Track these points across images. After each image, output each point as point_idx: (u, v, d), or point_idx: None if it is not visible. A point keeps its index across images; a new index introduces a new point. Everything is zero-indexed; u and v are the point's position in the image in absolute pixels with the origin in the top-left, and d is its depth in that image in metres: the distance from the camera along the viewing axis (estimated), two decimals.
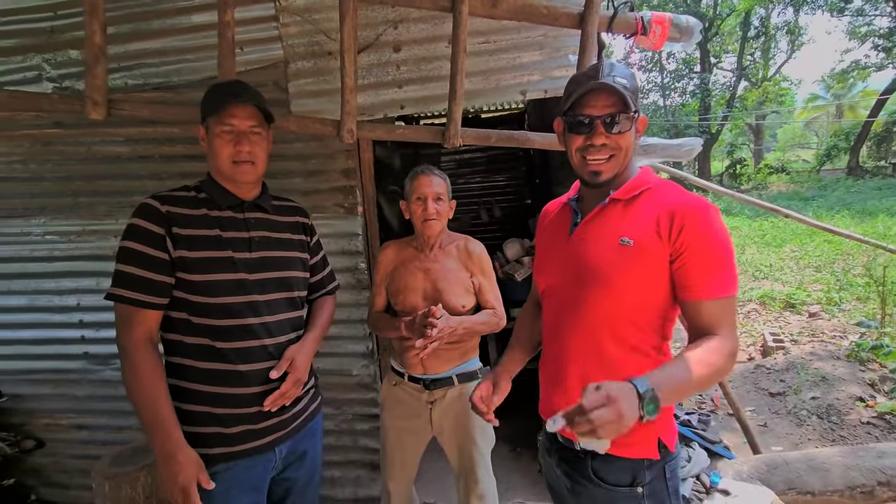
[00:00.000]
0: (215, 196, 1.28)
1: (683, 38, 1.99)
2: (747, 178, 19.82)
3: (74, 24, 2.19)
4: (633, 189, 1.09)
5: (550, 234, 1.26)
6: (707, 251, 0.99)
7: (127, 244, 1.19)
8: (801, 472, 2.02)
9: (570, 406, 0.84)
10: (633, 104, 1.04)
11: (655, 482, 1.07)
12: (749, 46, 22.58)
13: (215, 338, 1.22)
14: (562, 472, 1.19)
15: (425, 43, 2.14)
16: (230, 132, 1.24)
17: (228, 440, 1.24)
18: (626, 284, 1.04)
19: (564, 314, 1.14)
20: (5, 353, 2.48)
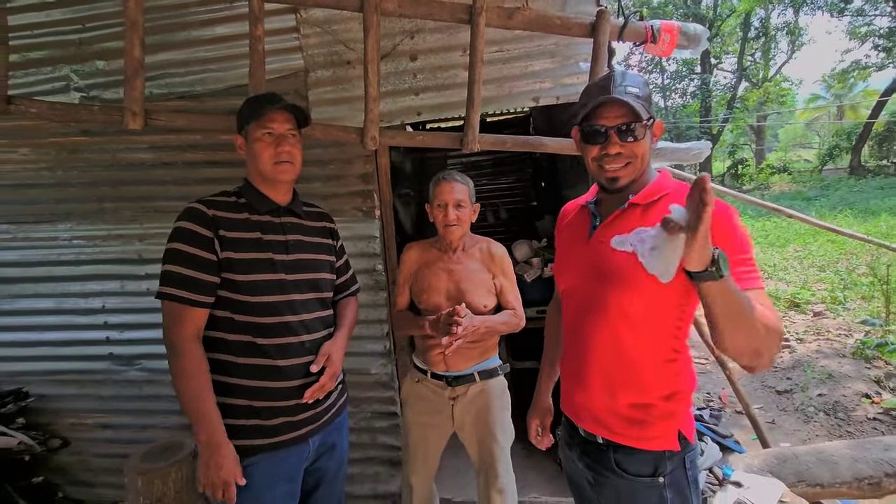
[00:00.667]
0: (254, 201, 1.37)
1: (691, 46, 2.06)
2: (749, 179, 19.87)
3: (102, 35, 2.27)
4: (652, 194, 1.12)
5: (570, 236, 1.30)
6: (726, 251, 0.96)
7: (176, 246, 1.26)
8: (810, 464, 2.08)
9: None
10: (647, 112, 1.07)
11: (676, 472, 1.11)
12: (749, 47, 22.67)
13: (257, 335, 1.29)
14: (583, 464, 1.23)
15: (441, 52, 2.22)
16: (270, 135, 1.34)
17: (268, 432, 1.31)
18: (644, 287, 1.06)
19: (584, 314, 1.18)
20: (32, 354, 2.56)
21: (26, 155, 2.43)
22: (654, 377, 1.12)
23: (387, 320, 2.43)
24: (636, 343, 1.11)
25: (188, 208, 1.30)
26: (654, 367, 1.12)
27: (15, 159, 2.43)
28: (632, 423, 1.13)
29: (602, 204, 1.22)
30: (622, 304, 1.10)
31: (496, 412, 1.80)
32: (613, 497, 1.17)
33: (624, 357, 1.13)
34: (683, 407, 1.14)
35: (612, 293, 1.11)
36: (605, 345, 1.14)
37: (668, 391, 1.12)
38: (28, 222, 2.48)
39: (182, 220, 1.29)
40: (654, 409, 1.11)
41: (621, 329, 1.12)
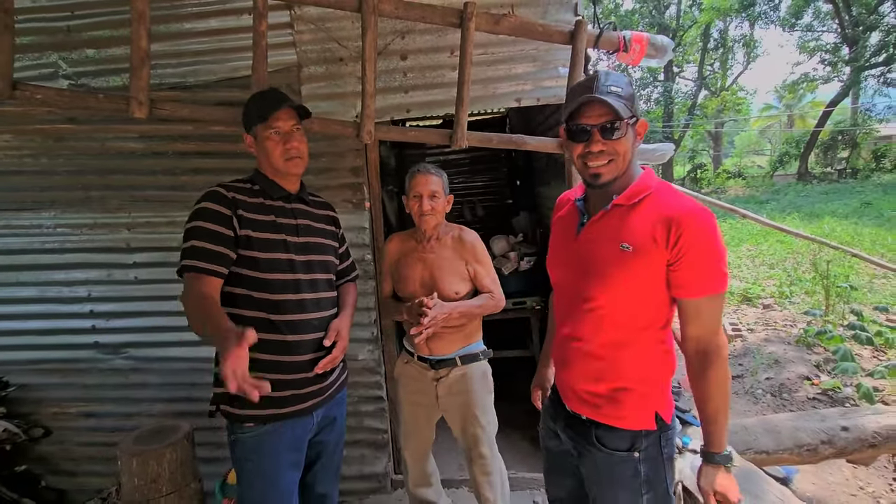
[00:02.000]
0: (267, 188, 1.47)
1: (658, 56, 2.26)
2: (707, 182, 20.83)
3: (91, 23, 2.28)
4: (634, 195, 1.17)
5: (561, 231, 1.38)
6: (701, 255, 1.08)
7: (196, 224, 1.35)
8: (757, 434, 2.33)
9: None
10: (629, 110, 1.12)
11: (651, 448, 1.20)
12: (709, 57, 23.76)
13: (271, 311, 1.39)
14: (567, 437, 1.35)
15: (430, 53, 2.34)
16: (277, 133, 1.43)
17: (278, 403, 1.40)
18: (625, 284, 1.15)
19: (571, 305, 1.27)
20: (14, 343, 2.53)
21: (8, 141, 2.40)
22: (633, 364, 1.20)
23: (374, 308, 2.53)
24: (617, 334, 1.20)
25: (209, 191, 1.40)
26: (633, 355, 1.21)
27: None
28: (612, 404, 1.22)
29: (589, 201, 1.29)
30: (604, 299, 1.18)
31: (478, 396, 1.90)
32: (593, 468, 1.28)
33: (605, 347, 1.22)
34: (660, 391, 1.22)
35: (595, 289, 1.19)
36: (589, 336, 1.23)
37: (645, 377, 1.21)
38: (10, 209, 2.45)
39: (203, 201, 1.38)
40: (631, 393, 1.20)
41: (603, 321, 1.20)
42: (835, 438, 2.32)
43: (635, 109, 1.15)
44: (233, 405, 1.40)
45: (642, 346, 1.20)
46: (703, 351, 1.14)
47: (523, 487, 2.62)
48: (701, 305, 1.12)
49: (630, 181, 1.19)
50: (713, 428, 1.15)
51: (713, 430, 1.15)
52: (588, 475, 1.30)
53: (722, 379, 1.13)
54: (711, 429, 1.15)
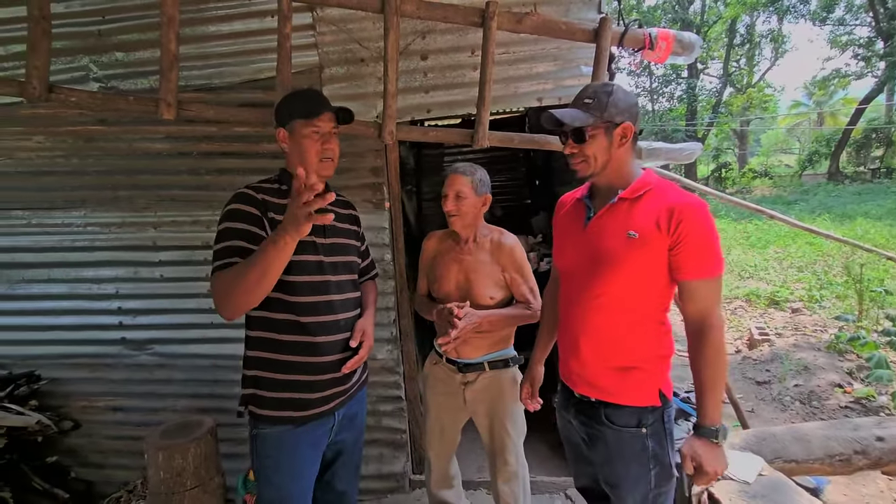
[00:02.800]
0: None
1: (685, 53, 2.21)
2: (732, 182, 20.33)
3: (121, 27, 2.34)
4: (637, 190, 1.32)
5: (567, 224, 1.49)
6: (699, 241, 1.22)
7: (228, 225, 1.33)
8: (786, 442, 2.25)
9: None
10: (598, 118, 1.27)
11: (656, 424, 1.33)
12: (735, 53, 23.17)
13: (301, 313, 1.39)
14: (578, 422, 1.44)
15: (450, 52, 2.33)
16: (317, 133, 1.42)
17: (303, 405, 1.41)
18: (632, 268, 1.27)
19: (580, 292, 1.37)
20: (46, 338, 2.61)
21: (41, 143, 2.48)
22: (639, 344, 1.33)
23: (394, 308, 2.54)
24: (624, 317, 1.32)
25: (238, 193, 1.38)
26: (638, 337, 1.33)
27: (30, 147, 2.48)
28: (619, 384, 1.33)
29: (595, 197, 1.42)
30: (612, 284, 1.30)
31: (507, 403, 1.87)
32: (604, 447, 1.37)
33: (613, 328, 1.33)
34: (663, 369, 1.36)
35: (604, 274, 1.30)
36: (598, 318, 1.34)
37: (648, 356, 1.33)
38: (42, 208, 2.53)
39: (233, 203, 1.36)
40: (637, 372, 1.32)
41: (612, 305, 1.32)
42: (869, 448, 2.23)
43: (612, 116, 1.28)
44: (260, 406, 1.41)
45: (646, 327, 1.32)
46: (699, 328, 1.26)
47: (542, 491, 2.60)
48: (698, 287, 1.25)
49: (631, 178, 1.34)
50: (703, 400, 1.26)
51: (703, 401, 1.26)
52: (599, 456, 1.39)
53: (714, 354, 1.25)
54: (701, 400, 1.26)
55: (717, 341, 1.25)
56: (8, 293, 2.58)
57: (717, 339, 1.25)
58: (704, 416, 1.25)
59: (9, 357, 2.62)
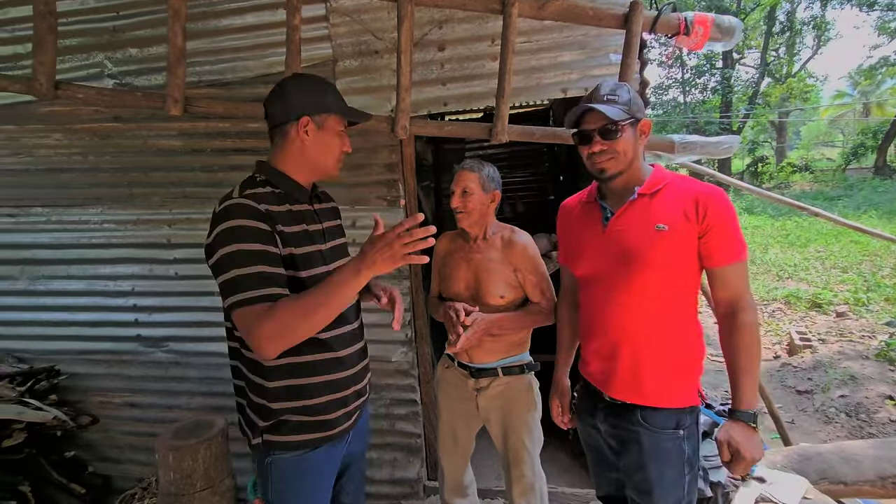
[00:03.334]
0: (292, 191, 1.26)
1: (725, 39, 2.02)
2: (769, 177, 19.46)
3: (135, 23, 2.31)
4: (654, 185, 1.31)
5: (581, 228, 1.45)
6: (726, 226, 1.23)
7: (241, 247, 1.10)
8: (833, 462, 2.06)
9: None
10: (626, 114, 1.26)
11: (692, 426, 1.32)
12: (774, 42, 22.08)
13: (321, 330, 1.21)
14: (608, 425, 1.39)
15: (469, 42, 2.21)
16: (344, 132, 1.32)
17: (329, 425, 1.28)
18: (664, 261, 1.26)
19: (611, 295, 1.33)
20: (65, 334, 2.64)
21: (59, 140, 2.49)
22: (680, 341, 1.30)
23: (409, 308, 2.45)
24: (663, 314, 1.29)
25: (237, 205, 1.14)
26: (679, 333, 1.30)
27: (49, 144, 2.49)
28: (666, 384, 1.29)
29: (608, 198, 1.39)
30: (645, 282, 1.28)
31: (521, 412, 1.78)
32: (637, 450, 1.31)
33: (655, 327, 1.29)
34: (699, 367, 1.35)
35: (635, 273, 1.28)
36: (637, 318, 1.30)
37: (690, 355, 1.31)
38: (61, 205, 2.54)
39: (236, 218, 1.12)
40: (683, 371, 1.30)
41: (647, 304, 1.29)
42: None
43: (634, 112, 1.28)
44: (277, 433, 1.24)
45: (680, 325, 1.30)
46: (732, 312, 1.25)
47: (562, 503, 2.48)
48: (729, 272, 1.25)
49: (644, 175, 1.34)
50: (738, 384, 1.23)
51: (738, 386, 1.23)
52: (630, 460, 1.34)
53: (749, 336, 1.23)
54: (736, 385, 1.24)
55: (751, 323, 1.24)
56: (29, 289, 2.61)
57: (750, 321, 1.24)
58: (740, 401, 1.22)
59: (30, 352, 2.66)
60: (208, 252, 1.16)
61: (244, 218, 1.13)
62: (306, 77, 1.33)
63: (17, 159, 2.51)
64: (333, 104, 1.27)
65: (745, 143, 22.99)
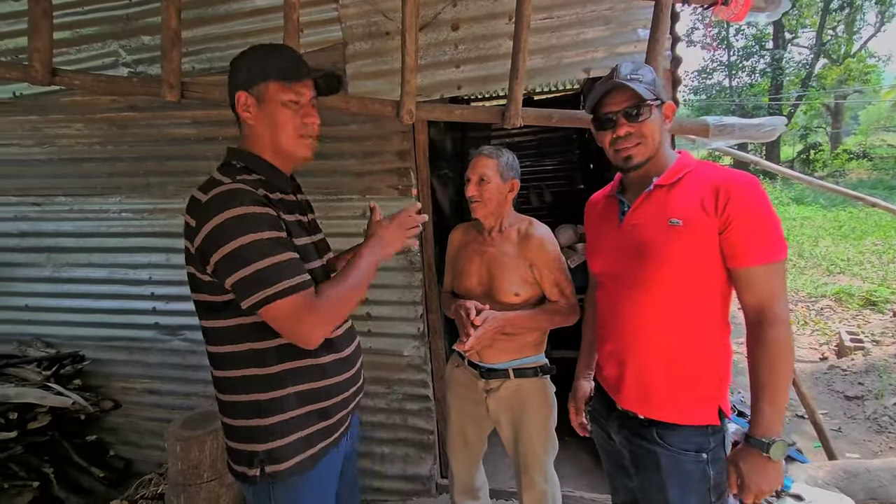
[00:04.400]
0: (272, 178, 1.12)
1: (769, 8, 1.81)
2: (822, 165, 18.25)
3: (148, 10, 2.29)
4: (674, 174, 1.18)
5: (600, 224, 1.36)
6: (752, 220, 1.06)
7: (258, 236, 0.97)
8: (884, 481, 1.86)
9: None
10: (652, 93, 1.14)
11: (717, 449, 1.16)
12: (830, 20, 20.52)
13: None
14: (622, 438, 1.27)
15: (484, 20, 2.08)
16: (296, 103, 1.10)
17: (329, 431, 1.17)
18: (679, 260, 1.12)
19: (623, 294, 1.22)
20: (88, 320, 2.70)
21: (80, 130, 2.52)
22: (699, 351, 1.15)
23: (421, 302, 2.37)
24: (679, 318, 1.15)
25: (235, 190, 1.00)
26: (697, 341, 1.15)
27: (70, 134, 2.53)
28: (678, 398, 1.16)
29: (628, 191, 1.29)
30: (663, 280, 1.14)
31: (533, 416, 1.67)
32: (655, 471, 1.18)
33: (669, 332, 1.16)
34: (725, 383, 1.18)
35: (647, 272, 1.16)
36: (650, 322, 1.18)
37: (715, 367, 1.16)
38: (82, 195, 2.59)
39: (241, 206, 0.98)
40: (699, 384, 1.16)
41: (665, 305, 1.15)
42: None
43: (659, 93, 1.17)
44: (279, 460, 1.08)
45: (700, 332, 1.16)
46: (757, 321, 1.09)
47: None
48: (755, 274, 1.08)
49: (667, 163, 1.21)
50: (756, 406, 1.08)
51: (755, 407, 1.08)
52: (648, 481, 1.21)
53: (774, 352, 1.06)
54: (754, 406, 1.09)
55: (779, 340, 1.07)
56: (54, 276, 2.69)
57: (778, 335, 1.07)
58: (756, 425, 1.07)
59: (57, 337, 2.74)
60: (205, 247, 0.99)
61: (249, 205, 0.99)
62: (252, 48, 1.14)
63: (42, 149, 2.57)
64: (270, 70, 1.07)
65: (795, 128, 21.61)
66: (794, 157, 20.18)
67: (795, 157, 20.15)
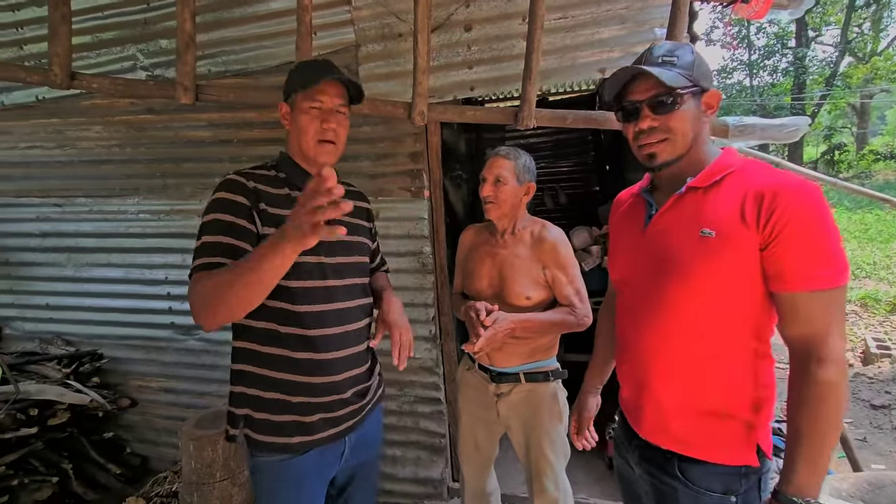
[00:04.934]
0: (294, 177, 1.25)
1: (792, 5, 1.77)
2: (847, 166, 17.75)
3: (165, 14, 2.32)
4: (712, 174, 1.00)
5: (623, 226, 1.22)
6: (804, 235, 0.88)
7: (214, 216, 1.12)
8: None
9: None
10: (687, 79, 0.97)
11: (750, 493, 0.99)
12: (856, 17, 19.94)
13: (305, 325, 1.19)
14: (643, 470, 1.13)
15: (498, 21, 2.06)
16: (318, 109, 1.20)
17: (307, 429, 1.21)
18: (708, 279, 0.96)
19: (641, 310, 1.09)
20: (107, 319, 2.75)
21: (99, 132, 2.57)
22: (729, 381, 1.00)
23: (433, 304, 2.36)
24: (707, 343, 1.00)
25: (226, 179, 1.18)
26: (728, 371, 0.99)
27: (90, 136, 2.58)
28: (705, 433, 1.01)
29: (658, 191, 1.13)
30: (687, 298, 0.99)
31: (545, 422, 1.64)
32: None
33: (693, 359, 1.01)
34: (765, 418, 1.00)
35: (673, 286, 1.01)
36: (670, 345, 1.03)
37: (751, 399, 0.99)
38: (101, 196, 2.63)
39: (219, 190, 1.15)
40: (733, 419, 1.00)
41: (687, 327, 1.01)
42: None
43: (699, 79, 0.99)
44: (255, 430, 1.20)
45: (735, 358, 0.99)
46: (803, 360, 0.91)
47: None
48: (803, 301, 0.89)
49: (706, 161, 1.03)
50: (791, 455, 0.90)
51: (791, 456, 0.90)
52: None
53: (818, 399, 0.88)
54: (790, 455, 0.91)
55: (829, 381, 0.87)
56: (75, 275, 2.74)
57: (829, 377, 0.87)
58: (788, 479, 0.89)
59: (76, 335, 2.80)
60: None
61: (225, 191, 1.15)
62: (297, 63, 1.32)
63: (63, 151, 2.62)
64: (297, 81, 1.20)
65: (819, 128, 21.07)
66: (817, 158, 19.66)
67: (819, 157, 19.63)
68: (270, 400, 1.20)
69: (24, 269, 2.82)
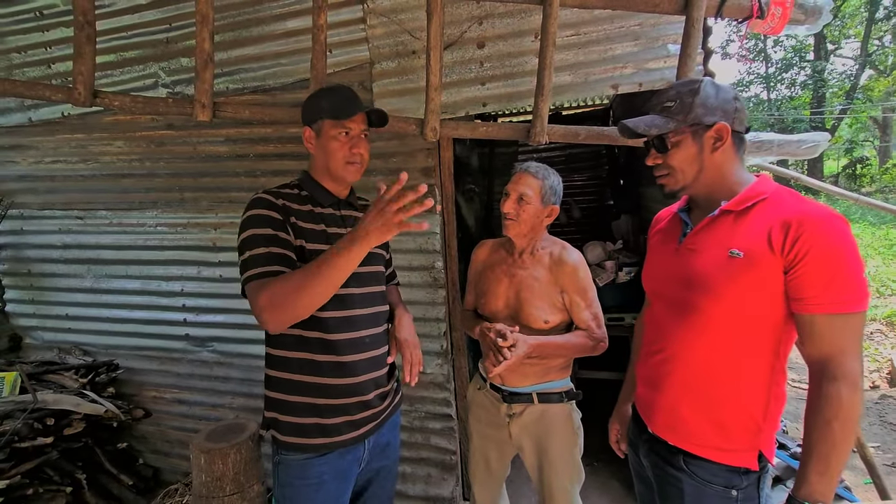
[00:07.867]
0: (317, 194, 1.36)
1: (809, 21, 1.74)
2: (870, 180, 17.38)
3: (186, 34, 2.39)
4: (745, 200, 1.08)
5: (660, 242, 1.31)
6: (825, 262, 0.94)
7: (255, 232, 1.20)
8: None
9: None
10: (682, 121, 1.08)
11: (751, 489, 1.09)
12: (877, 29, 19.68)
13: (327, 330, 1.28)
14: (649, 462, 1.24)
15: (511, 38, 2.07)
16: (347, 135, 1.31)
17: (326, 431, 1.29)
18: (734, 297, 1.03)
19: (669, 321, 1.18)
20: (123, 330, 2.79)
21: (121, 147, 2.64)
22: (741, 393, 1.08)
23: (444, 319, 2.35)
24: (726, 359, 1.08)
25: (256, 198, 1.27)
26: (741, 383, 1.08)
27: (112, 151, 2.65)
28: (710, 435, 1.10)
29: (693, 211, 1.22)
30: (711, 314, 1.07)
31: (557, 444, 1.62)
32: (677, 497, 1.14)
33: (709, 370, 1.10)
34: (771, 427, 1.10)
35: (700, 302, 1.08)
36: (691, 356, 1.12)
37: (762, 411, 1.08)
38: (121, 209, 2.70)
39: (252, 208, 1.25)
40: (737, 427, 1.08)
41: (708, 341, 1.09)
42: None
43: (700, 117, 1.08)
44: (281, 431, 1.30)
45: (753, 373, 1.07)
46: (818, 374, 0.97)
47: None
48: (822, 323, 0.96)
49: (739, 186, 1.10)
50: (804, 466, 0.97)
51: (804, 468, 0.97)
52: None
53: (832, 415, 0.93)
54: (803, 466, 0.97)
55: (841, 396, 0.93)
56: (94, 286, 2.80)
57: (840, 392, 0.93)
58: (799, 488, 0.96)
59: (94, 345, 2.85)
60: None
61: (258, 208, 1.24)
62: (318, 89, 1.42)
63: (86, 165, 2.70)
64: (325, 109, 1.30)
65: (839, 142, 20.70)
66: (838, 172, 19.30)
67: (840, 172, 19.26)
68: (296, 403, 1.30)
69: (45, 280, 2.89)
